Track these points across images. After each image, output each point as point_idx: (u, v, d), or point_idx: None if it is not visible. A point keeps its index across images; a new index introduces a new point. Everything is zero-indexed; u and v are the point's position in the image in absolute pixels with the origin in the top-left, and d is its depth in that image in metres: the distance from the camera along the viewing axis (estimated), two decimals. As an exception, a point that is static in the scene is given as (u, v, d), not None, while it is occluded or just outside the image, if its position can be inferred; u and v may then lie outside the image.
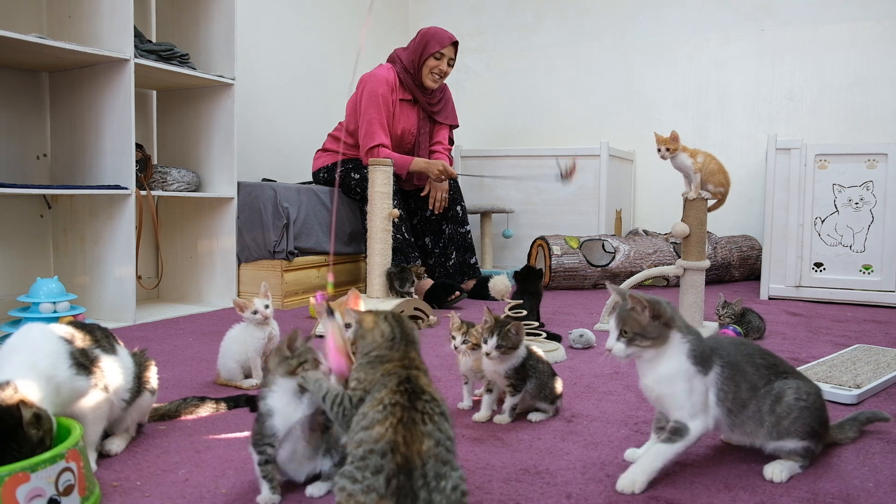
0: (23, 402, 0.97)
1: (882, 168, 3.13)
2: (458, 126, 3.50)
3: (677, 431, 1.13)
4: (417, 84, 3.20)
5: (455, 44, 3.18)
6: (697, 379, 1.13)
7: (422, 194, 3.23)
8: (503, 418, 1.44)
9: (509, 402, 1.45)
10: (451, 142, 3.48)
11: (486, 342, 1.38)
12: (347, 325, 1.44)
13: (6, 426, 0.94)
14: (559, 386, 1.50)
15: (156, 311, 2.79)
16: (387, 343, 0.97)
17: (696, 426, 1.13)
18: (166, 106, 3.06)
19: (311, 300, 1.25)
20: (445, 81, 3.40)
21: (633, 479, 1.10)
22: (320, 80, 4.12)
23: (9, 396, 0.97)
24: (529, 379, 1.44)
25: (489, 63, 4.92)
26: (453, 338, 1.47)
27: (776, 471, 1.15)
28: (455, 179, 3.23)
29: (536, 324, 2.17)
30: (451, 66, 3.21)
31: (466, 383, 1.56)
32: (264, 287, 1.75)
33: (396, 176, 3.07)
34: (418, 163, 3.11)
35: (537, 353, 1.49)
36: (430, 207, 3.18)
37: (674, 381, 1.13)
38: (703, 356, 1.14)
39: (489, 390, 1.48)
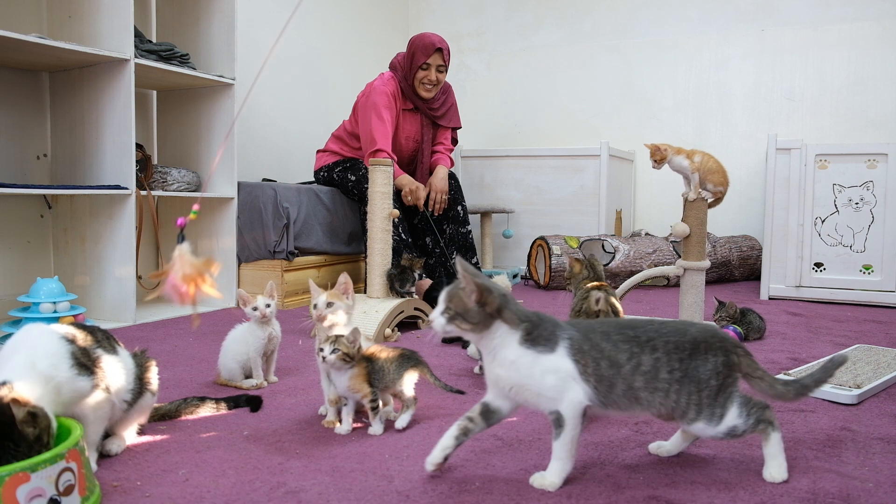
0: (15, 401, 0.96)
1: (882, 168, 3.13)
2: (460, 128, 3.50)
3: (557, 422, 1.09)
4: (416, 94, 3.19)
5: (440, 49, 3.11)
6: (545, 358, 1.08)
7: None
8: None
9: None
10: (455, 142, 3.48)
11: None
12: (329, 304, 1.45)
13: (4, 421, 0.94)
14: None
15: (156, 311, 2.79)
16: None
17: (569, 402, 1.08)
18: (166, 106, 3.06)
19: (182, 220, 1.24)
20: (448, 81, 3.40)
21: (542, 480, 1.10)
22: (320, 80, 4.12)
23: (2, 396, 0.97)
24: None
25: (489, 63, 4.92)
26: (321, 349, 1.35)
27: (772, 472, 1.15)
28: (421, 206, 3.11)
29: None
30: (441, 71, 3.17)
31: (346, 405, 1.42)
32: (270, 286, 1.74)
33: None
34: (401, 180, 3.07)
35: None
36: (430, 209, 3.18)
37: (518, 369, 1.08)
38: (540, 337, 1.09)
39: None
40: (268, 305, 1.71)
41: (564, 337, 1.10)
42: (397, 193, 3.11)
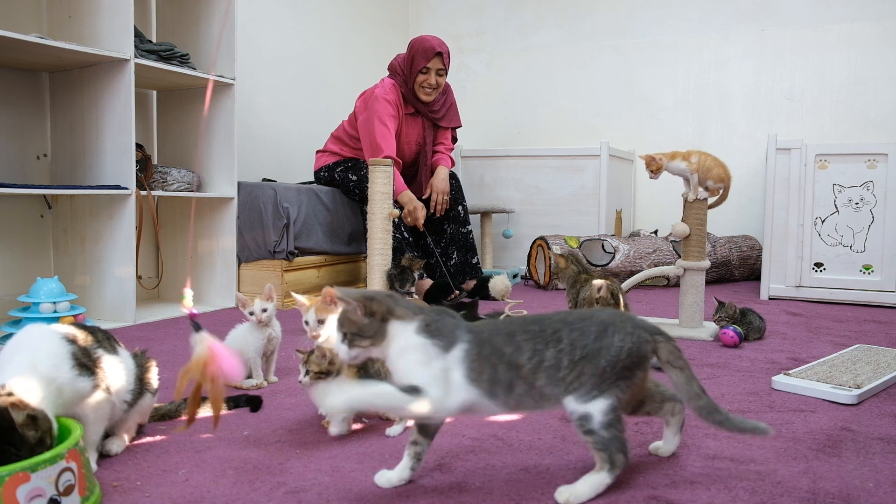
0: (14, 405, 0.96)
1: (882, 168, 3.13)
2: (460, 126, 3.50)
3: (412, 389, 1.02)
4: (416, 98, 3.19)
5: (440, 53, 3.11)
6: (434, 353, 1.04)
7: (423, 196, 3.23)
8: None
9: None
10: (454, 140, 3.48)
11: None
12: (321, 322, 1.43)
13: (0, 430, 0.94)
14: None
15: (156, 311, 2.79)
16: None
17: (432, 393, 1.02)
18: (166, 106, 3.06)
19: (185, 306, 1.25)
20: (448, 81, 3.40)
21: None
22: (320, 80, 4.12)
23: (1, 401, 0.97)
24: None
25: (489, 63, 4.92)
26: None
27: (565, 493, 1.06)
28: (420, 226, 3.07)
29: None
30: (441, 75, 3.16)
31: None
32: (268, 289, 1.72)
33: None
34: (402, 197, 3.04)
35: None
36: (432, 210, 3.19)
37: (404, 353, 1.04)
38: (438, 330, 1.05)
39: None
40: (265, 310, 1.69)
41: (464, 340, 1.06)
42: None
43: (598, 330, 1.06)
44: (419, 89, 3.15)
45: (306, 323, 1.46)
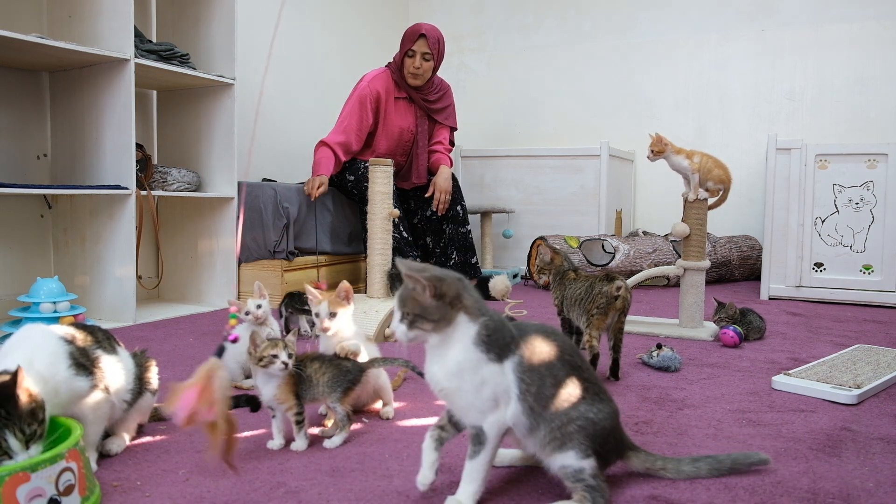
0: (21, 369, 0.97)
1: (882, 168, 3.13)
2: (455, 129, 3.50)
3: (476, 439, 1.02)
4: (408, 84, 3.21)
5: (424, 35, 3.09)
6: (488, 368, 0.99)
7: (426, 195, 3.23)
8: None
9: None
10: (452, 143, 3.48)
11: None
12: (332, 315, 1.43)
13: (2, 386, 0.95)
14: None
15: (156, 311, 2.79)
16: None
17: (494, 420, 1.01)
18: (166, 106, 3.06)
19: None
20: (448, 82, 3.40)
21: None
22: (320, 80, 4.12)
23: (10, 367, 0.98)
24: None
25: (489, 63, 4.92)
26: (274, 356, 1.27)
27: None
28: (313, 197, 3.02)
29: None
30: (427, 59, 3.12)
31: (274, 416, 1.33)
32: (258, 287, 1.73)
33: (394, 175, 3.08)
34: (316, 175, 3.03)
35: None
36: (434, 208, 3.19)
37: (461, 374, 0.99)
38: (495, 341, 1.00)
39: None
40: (259, 306, 1.70)
41: (517, 352, 1.02)
42: (398, 193, 3.11)
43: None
44: (407, 74, 3.17)
45: (316, 315, 1.43)
